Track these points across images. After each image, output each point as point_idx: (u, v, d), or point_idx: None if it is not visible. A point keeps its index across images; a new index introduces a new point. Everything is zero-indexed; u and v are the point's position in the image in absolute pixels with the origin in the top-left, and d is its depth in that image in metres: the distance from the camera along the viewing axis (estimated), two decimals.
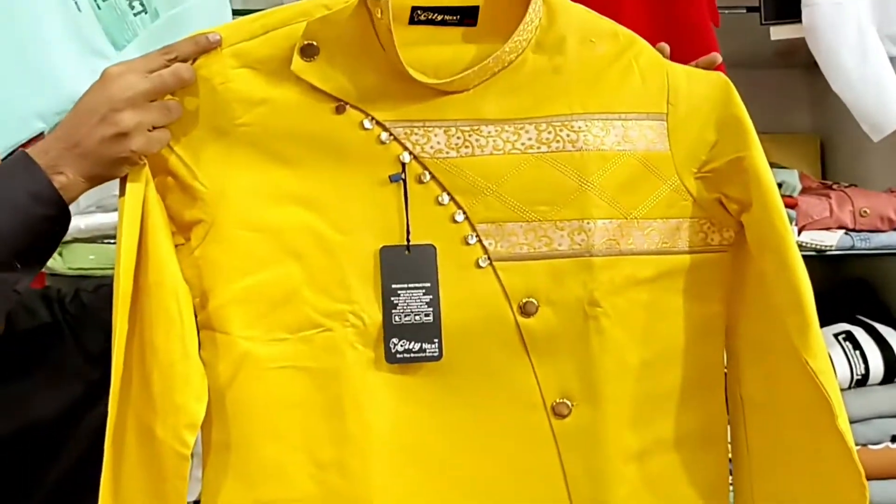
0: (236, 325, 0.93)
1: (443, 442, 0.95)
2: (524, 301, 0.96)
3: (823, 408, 0.90)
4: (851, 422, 1.47)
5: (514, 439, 0.97)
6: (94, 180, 0.90)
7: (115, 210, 1.31)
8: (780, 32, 1.53)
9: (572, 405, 0.97)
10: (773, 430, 0.98)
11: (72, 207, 0.92)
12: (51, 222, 0.89)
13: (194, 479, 1.40)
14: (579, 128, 0.98)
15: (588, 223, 0.97)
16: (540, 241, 0.97)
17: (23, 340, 1.06)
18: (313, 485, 0.93)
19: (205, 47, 0.91)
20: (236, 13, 1.42)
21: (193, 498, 1.37)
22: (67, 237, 1.30)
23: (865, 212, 1.57)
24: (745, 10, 1.56)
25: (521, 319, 0.96)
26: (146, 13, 1.37)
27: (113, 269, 0.93)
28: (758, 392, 1.01)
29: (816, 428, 0.91)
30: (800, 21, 1.47)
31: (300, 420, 0.93)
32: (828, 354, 0.94)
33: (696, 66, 1.05)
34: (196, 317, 0.94)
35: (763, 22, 1.53)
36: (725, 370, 1.05)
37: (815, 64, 1.50)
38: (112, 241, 1.38)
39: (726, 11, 1.52)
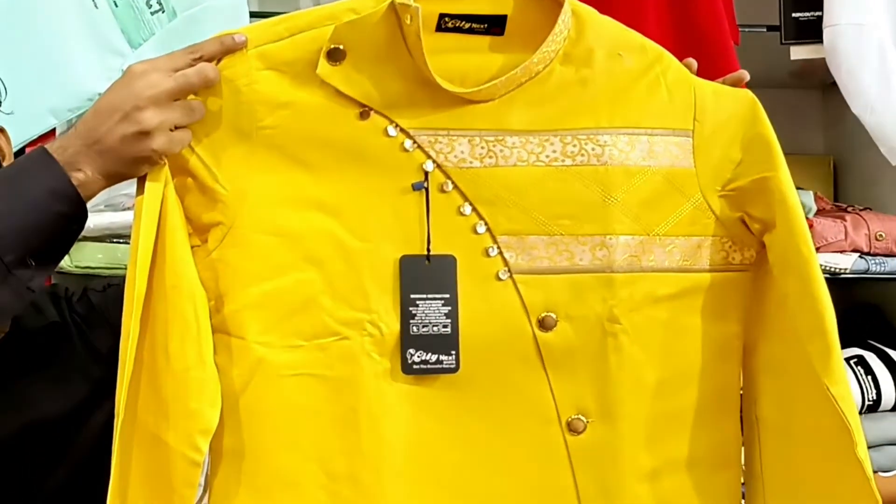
0: (252, 330, 0.92)
1: (457, 456, 0.95)
2: (543, 315, 0.95)
3: (843, 435, 0.89)
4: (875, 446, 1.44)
5: (528, 454, 0.96)
6: (113, 178, 0.89)
7: (125, 209, 1.30)
8: (799, 52, 1.54)
9: (587, 421, 0.97)
10: (789, 453, 0.98)
11: None
12: (68, 220, 0.88)
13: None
14: (605, 142, 0.97)
15: (610, 239, 0.96)
16: (561, 256, 0.96)
17: (30, 339, 1.05)
18: (325, 496, 0.93)
19: (230, 48, 0.90)
20: (253, 15, 1.41)
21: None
22: None
23: (881, 235, 1.57)
24: (765, 29, 1.57)
25: (539, 333, 0.95)
26: (163, 12, 1.37)
27: (121, 268, 0.92)
28: (774, 414, 1.01)
29: (834, 455, 0.91)
30: (819, 41, 1.48)
31: (313, 430, 0.93)
32: (847, 379, 0.92)
33: (724, 82, 1.05)
34: (210, 320, 0.92)
35: (783, 42, 1.54)
36: (741, 391, 1.04)
37: (830, 85, 1.52)
38: (121, 240, 1.36)
39: (746, 30, 1.53)
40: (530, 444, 0.96)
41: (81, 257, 1.37)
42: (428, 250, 0.94)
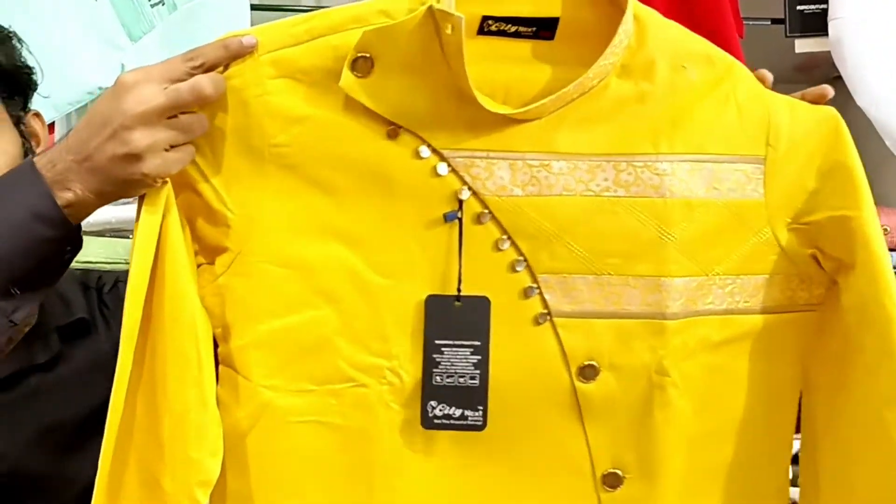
0: (257, 372, 0.84)
1: None
2: (584, 364, 0.86)
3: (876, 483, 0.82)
4: None
5: None
6: (106, 198, 0.80)
7: (126, 203, 1.19)
8: (804, 46, 1.52)
9: (625, 477, 0.88)
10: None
11: None
12: (55, 244, 0.80)
13: None
14: (664, 170, 0.86)
15: (665, 281, 0.86)
16: (608, 299, 0.86)
17: (55, 335, 1.02)
18: None
19: (237, 52, 0.78)
20: (254, 8, 1.33)
21: None
22: (92, 229, 1.25)
23: (887, 229, 1.51)
24: (769, 22, 1.54)
25: (578, 384, 0.86)
26: (163, 5, 1.33)
27: (122, 262, 0.82)
28: (834, 468, 0.91)
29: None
30: (825, 34, 1.46)
31: (322, 482, 0.85)
32: None
33: (803, 97, 0.93)
34: (216, 349, 0.84)
35: (788, 35, 1.52)
36: (797, 438, 0.95)
37: (835, 79, 1.45)
38: (121, 235, 1.29)
39: (751, 23, 1.51)
40: (560, 498, 0.88)
41: (82, 252, 1.30)
42: (458, 290, 0.83)
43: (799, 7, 1.52)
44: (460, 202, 0.84)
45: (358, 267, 0.83)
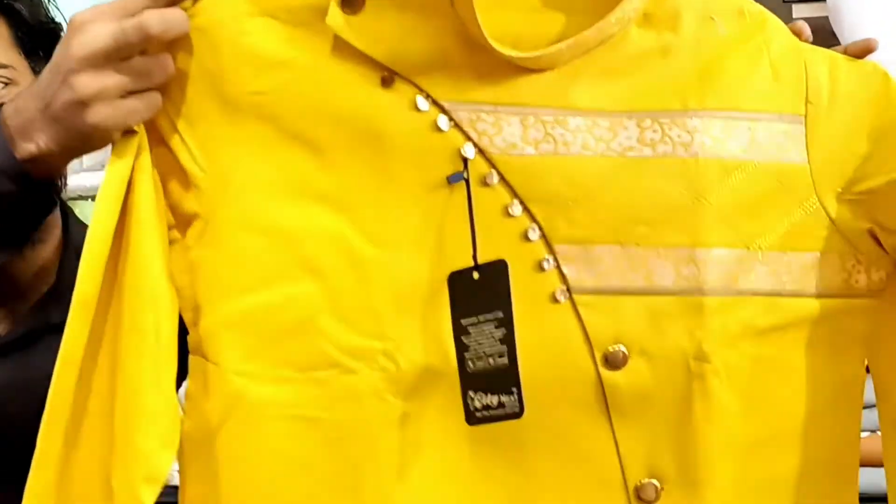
0: (229, 356, 0.72)
1: None
2: (611, 349, 0.74)
3: None
4: (866, 406, 1.27)
5: None
6: (71, 151, 0.72)
7: None
8: (802, 11, 1.53)
9: (661, 488, 0.75)
10: None
11: (75, 165, 0.80)
12: (17, 200, 0.72)
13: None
14: (694, 127, 0.76)
15: (701, 252, 0.75)
16: (636, 273, 0.75)
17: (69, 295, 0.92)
18: None
19: None
20: None
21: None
22: (72, 194, 1.25)
23: None
24: None
25: (604, 373, 0.74)
26: None
27: None
28: None
29: None
30: (822, 0, 1.46)
31: (302, 488, 0.73)
32: None
33: (846, 52, 0.83)
34: (187, 337, 0.73)
35: (786, 0, 1.53)
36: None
37: (833, 45, 1.46)
38: None
39: None
40: None
41: (82, 217, 1.27)
42: (474, 257, 0.72)
43: None
44: (465, 161, 0.73)
45: (346, 235, 0.73)
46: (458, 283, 0.72)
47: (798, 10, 1.57)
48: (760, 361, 0.77)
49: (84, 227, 1.01)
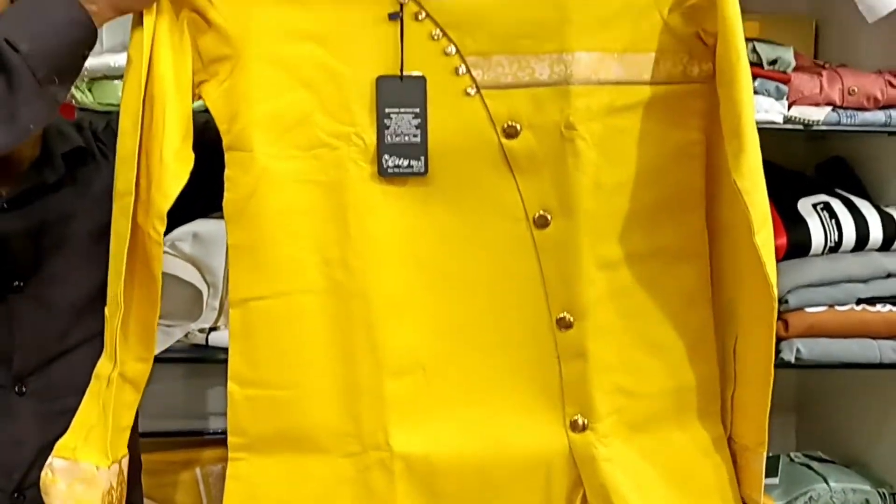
0: (257, 143, 1.15)
1: (433, 246, 1.18)
2: (507, 125, 1.13)
3: (746, 225, 1.07)
4: (822, 284, 1.65)
5: (499, 245, 1.19)
6: (120, 11, 1.11)
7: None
8: None
9: (551, 217, 1.15)
10: (730, 245, 1.16)
11: (100, 47, 1.13)
12: (83, 45, 1.10)
13: (210, 308, 1.60)
14: None
15: (567, 55, 1.12)
16: (523, 72, 1.12)
17: (59, 161, 1.26)
18: (322, 279, 1.16)
19: None
20: None
21: (209, 325, 1.58)
22: (97, 74, 1.54)
23: (853, 90, 1.68)
24: None
25: (504, 142, 1.13)
26: None
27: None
28: (726, 213, 1.18)
29: (743, 244, 1.08)
30: None
31: (311, 224, 1.17)
32: (760, 178, 1.08)
33: None
34: (223, 140, 1.17)
35: None
36: None
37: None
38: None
39: None
40: (501, 237, 1.18)
41: (103, 95, 1.56)
42: (401, 70, 1.11)
43: None
44: (401, 5, 1.12)
45: (326, 59, 1.16)
46: (385, 84, 1.15)
47: None
48: (620, 129, 1.17)
49: None
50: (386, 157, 1.14)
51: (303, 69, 1.15)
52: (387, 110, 1.13)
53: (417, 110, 1.14)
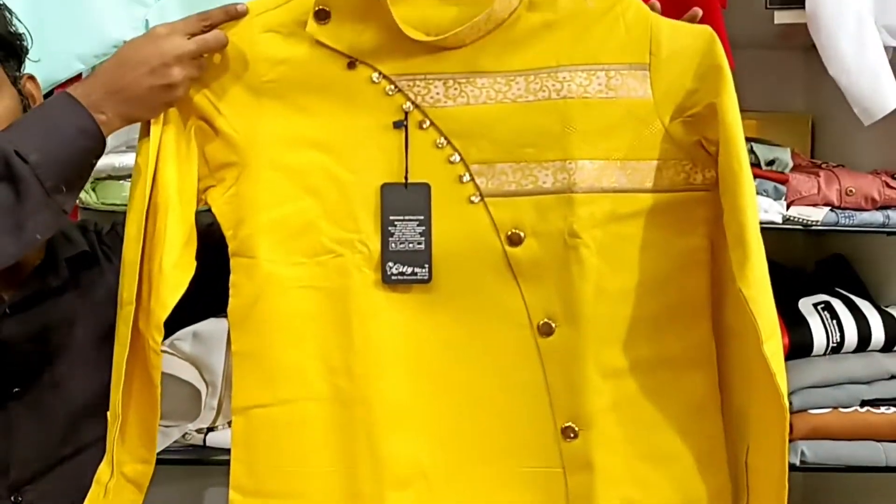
0: (263, 250, 1.17)
1: (437, 354, 1.18)
2: (511, 232, 1.14)
3: (754, 334, 1.06)
4: (825, 386, 1.66)
5: (503, 353, 1.18)
6: (129, 120, 1.14)
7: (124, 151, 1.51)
8: (782, 17, 1.68)
9: (555, 325, 1.16)
10: (738, 352, 1.16)
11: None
12: (92, 153, 1.12)
13: (208, 408, 1.59)
14: (564, 78, 1.14)
15: (570, 163, 1.14)
16: (527, 180, 1.14)
17: (62, 265, 1.26)
18: (326, 387, 1.17)
19: (233, 16, 1.14)
20: None
21: (207, 425, 1.57)
22: (101, 174, 1.57)
23: (851, 191, 1.72)
24: None
25: (508, 249, 1.14)
26: None
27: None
28: (733, 320, 1.17)
29: (752, 353, 1.07)
30: (802, 7, 1.62)
31: (315, 331, 1.17)
32: (766, 286, 1.08)
33: (682, 20, 1.17)
34: (229, 246, 1.18)
35: (768, 6, 1.69)
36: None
37: (812, 47, 1.66)
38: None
39: None
40: (505, 344, 1.18)
41: (107, 195, 1.60)
42: (406, 178, 1.12)
43: None
44: (406, 113, 1.14)
45: (332, 167, 1.18)
46: (390, 191, 1.16)
47: (779, 16, 1.68)
48: (623, 237, 1.18)
49: None
50: (390, 264, 1.15)
51: (308, 177, 1.16)
52: (391, 218, 1.14)
53: (422, 218, 1.15)
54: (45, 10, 1.46)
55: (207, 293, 1.17)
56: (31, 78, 1.28)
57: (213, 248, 1.17)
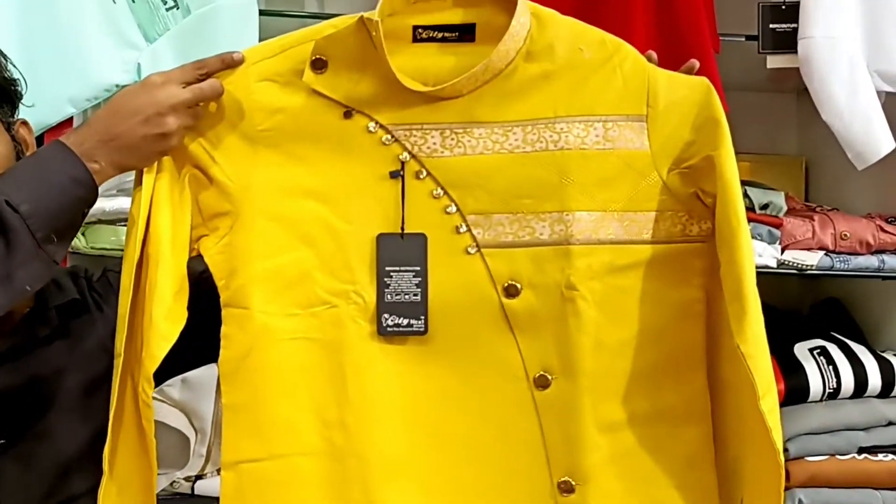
0: (256, 301, 1.15)
1: (433, 406, 1.17)
2: (508, 284, 1.13)
3: (750, 388, 1.05)
4: (822, 432, 1.65)
5: (499, 406, 1.17)
6: (122, 169, 1.13)
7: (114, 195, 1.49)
8: (775, 62, 1.69)
9: (552, 378, 1.15)
10: (733, 405, 1.14)
11: None
12: (84, 203, 1.11)
13: (197, 455, 1.57)
14: (561, 129, 1.13)
15: (567, 215, 1.12)
16: (524, 231, 1.13)
17: (52, 313, 1.24)
18: (320, 441, 1.14)
19: (229, 64, 1.13)
20: (263, 13, 1.56)
21: (195, 472, 1.54)
22: (91, 218, 1.52)
23: (846, 235, 1.72)
24: (744, 39, 1.73)
25: (505, 301, 1.12)
26: (178, 9, 1.50)
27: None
28: (728, 372, 1.15)
29: (748, 407, 1.06)
30: (794, 52, 1.63)
31: (309, 384, 1.16)
32: (763, 342, 1.07)
33: (679, 72, 1.17)
34: (220, 296, 1.16)
35: (760, 51, 1.70)
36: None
37: (804, 90, 1.67)
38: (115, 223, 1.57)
39: (727, 38, 1.71)
40: (501, 397, 1.17)
41: (96, 239, 1.58)
42: (402, 229, 1.11)
43: (771, 25, 1.70)
44: (402, 163, 1.14)
45: (327, 216, 1.17)
46: (386, 242, 1.15)
47: (772, 61, 1.70)
48: (621, 288, 1.17)
49: None
50: (385, 315, 1.14)
51: (303, 226, 1.15)
52: (387, 269, 1.14)
53: (418, 268, 1.14)
54: (37, 53, 1.46)
55: (199, 341, 1.16)
56: (25, 123, 1.27)
57: (205, 296, 1.16)
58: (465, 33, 1.19)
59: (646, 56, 1.21)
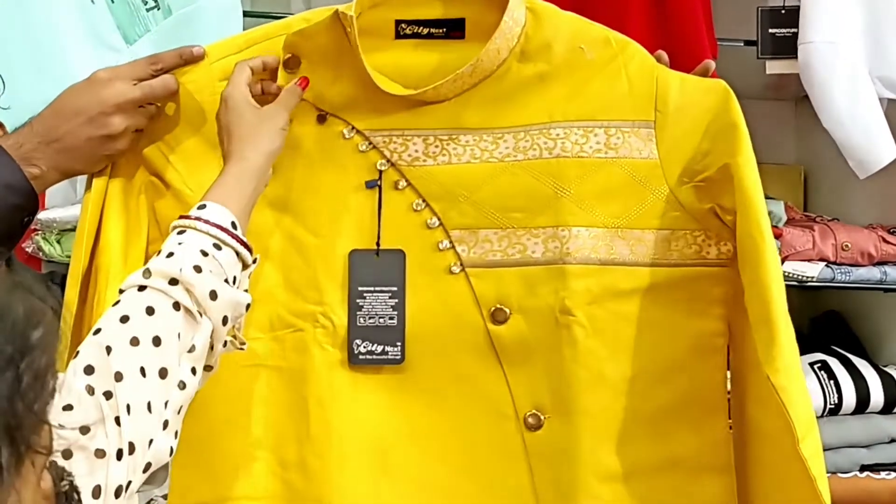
0: None
1: (407, 448, 0.98)
2: (495, 308, 0.98)
3: (787, 429, 0.87)
4: (825, 450, 1.51)
5: (483, 449, 0.98)
6: (66, 174, 0.97)
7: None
8: (774, 67, 1.61)
9: (544, 418, 0.98)
10: (764, 453, 0.95)
11: (67, 198, 0.96)
12: (21, 211, 0.95)
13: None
14: (557, 135, 0.99)
15: (562, 231, 0.97)
16: (513, 248, 0.98)
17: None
18: (277, 484, 0.98)
19: (189, 59, 0.97)
20: (247, 15, 1.46)
21: (163, 492, 1.43)
22: (66, 226, 1.41)
23: (847, 246, 1.61)
24: (742, 44, 1.64)
25: (491, 327, 0.98)
26: (158, 9, 1.41)
27: None
28: (757, 414, 0.96)
29: (783, 454, 0.88)
30: (794, 57, 1.55)
31: (266, 418, 0.98)
32: (799, 373, 0.90)
33: (692, 73, 1.03)
34: None
35: (759, 56, 1.61)
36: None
37: (803, 97, 1.57)
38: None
39: (725, 44, 1.61)
40: (486, 438, 0.98)
41: (70, 246, 1.46)
42: (377, 245, 0.97)
43: (771, 30, 1.63)
44: (380, 172, 0.99)
45: (293, 229, 0.99)
46: (359, 259, 0.97)
47: (771, 66, 1.62)
48: (624, 316, 0.97)
49: None
50: (357, 341, 0.96)
51: (266, 239, 0.97)
52: (360, 289, 0.96)
53: (395, 289, 0.96)
54: (13, 55, 1.36)
55: None
56: (1, 126, 1.13)
57: None
58: (453, 29, 1.01)
59: (655, 56, 1.02)
